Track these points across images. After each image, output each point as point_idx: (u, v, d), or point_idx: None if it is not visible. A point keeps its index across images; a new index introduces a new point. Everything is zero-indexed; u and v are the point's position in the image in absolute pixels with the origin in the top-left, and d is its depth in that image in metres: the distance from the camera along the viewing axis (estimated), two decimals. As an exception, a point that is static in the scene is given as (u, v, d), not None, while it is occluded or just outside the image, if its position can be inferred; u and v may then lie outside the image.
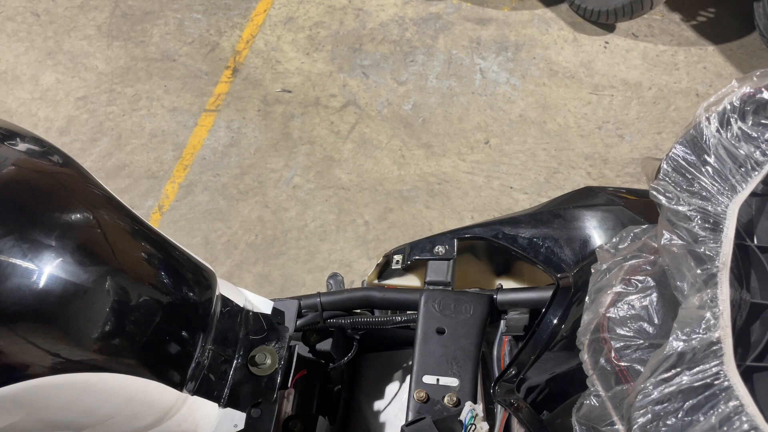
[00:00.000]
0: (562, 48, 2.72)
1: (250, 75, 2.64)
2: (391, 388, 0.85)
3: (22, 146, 0.65)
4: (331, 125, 2.48)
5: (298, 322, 0.81)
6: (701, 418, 0.45)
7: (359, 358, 0.93)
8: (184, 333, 0.63)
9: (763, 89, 0.57)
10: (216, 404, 0.65)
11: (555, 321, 0.72)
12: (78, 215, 0.61)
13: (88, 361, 0.54)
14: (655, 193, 0.57)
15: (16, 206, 0.58)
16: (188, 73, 2.66)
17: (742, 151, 0.56)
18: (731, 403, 0.45)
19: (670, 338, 0.48)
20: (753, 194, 0.56)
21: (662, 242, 0.54)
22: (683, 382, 0.46)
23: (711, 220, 0.53)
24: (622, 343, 0.54)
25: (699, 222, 0.54)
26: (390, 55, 2.71)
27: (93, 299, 0.56)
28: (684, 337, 0.48)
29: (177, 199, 2.29)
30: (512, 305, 0.82)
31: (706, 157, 0.56)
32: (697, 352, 0.47)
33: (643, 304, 0.56)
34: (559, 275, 0.77)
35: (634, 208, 0.81)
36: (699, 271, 0.51)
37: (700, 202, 0.55)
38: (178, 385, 0.60)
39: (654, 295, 0.56)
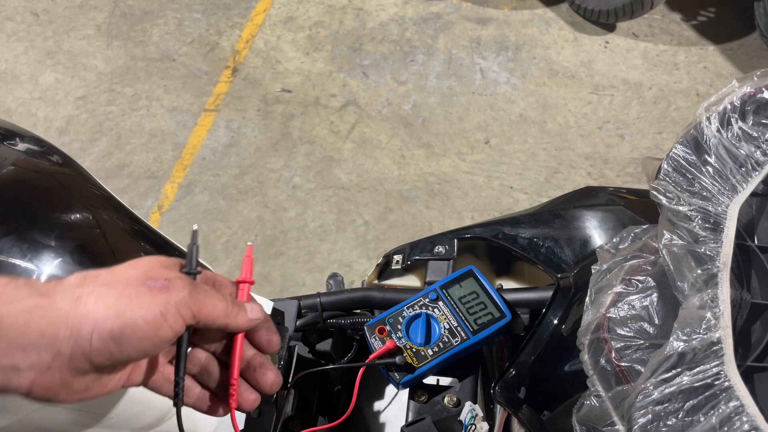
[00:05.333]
0: (563, 48, 2.72)
1: (249, 75, 2.64)
2: (391, 389, 0.85)
3: (21, 146, 0.65)
4: (330, 125, 2.48)
5: (298, 323, 0.81)
6: (702, 419, 0.45)
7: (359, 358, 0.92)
8: (183, 333, 0.63)
9: (763, 89, 0.57)
10: (216, 404, 0.64)
11: (555, 321, 0.72)
12: (77, 215, 0.61)
13: (87, 362, 0.54)
14: (655, 193, 0.57)
15: (16, 206, 0.58)
16: (188, 73, 2.66)
17: (742, 151, 0.56)
18: (732, 404, 0.45)
19: (671, 338, 0.48)
20: (753, 194, 0.56)
21: (662, 242, 0.54)
22: (684, 382, 0.46)
23: (711, 220, 0.53)
24: (622, 344, 0.54)
25: (699, 222, 0.54)
26: (390, 54, 2.71)
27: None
28: (684, 338, 0.48)
29: (176, 199, 2.29)
30: (512, 305, 0.82)
31: (706, 157, 0.56)
32: (697, 353, 0.47)
33: (644, 304, 0.56)
34: (559, 275, 0.77)
35: (635, 208, 0.81)
36: (699, 271, 0.51)
37: (701, 202, 0.54)
38: (178, 386, 0.60)
39: (654, 296, 0.56)
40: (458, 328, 0.74)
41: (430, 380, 0.77)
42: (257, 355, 0.50)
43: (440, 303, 0.76)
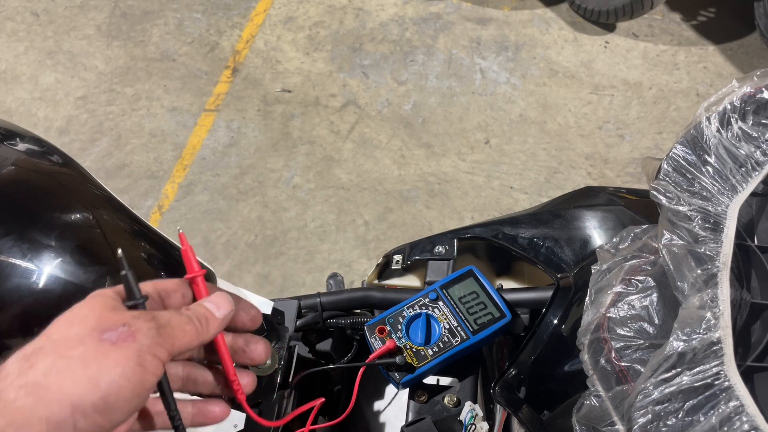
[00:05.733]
0: (563, 48, 2.72)
1: (249, 75, 2.64)
2: (391, 388, 0.85)
3: (21, 146, 0.65)
4: (331, 125, 2.48)
5: (298, 323, 0.81)
6: (702, 419, 0.45)
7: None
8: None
9: (763, 89, 0.57)
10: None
11: (555, 321, 0.72)
12: (77, 215, 0.61)
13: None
14: (655, 193, 0.57)
15: (16, 206, 0.58)
16: (188, 73, 2.66)
17: (742, 151, 0.56)
18: (731, 404, 0.45)
19: (671, 338, 0.48)
20: (753, 194, 0.56)
21: (662, 242, 0.54)
22: (683, 382, 0.46)
23: (711, 220, 0.53)
24: (622, 344, 0.54)
25: (699, 222, 0.54)
26: (390, 54, 2.71)
27: (92, 299, 0.56)
28: (684, 337, 0.48)
29: (177, 199, 2.29)
30: (512, 305, 0.82)
31: (706, 157, 0.56)
32: (697, 352, 0.47)
33: (644, 304, 0.56)
34: (559, 275, 0.77)
35: (635, 208, 0.81)
36: (699, 271, 0.51)
37: (701, 202, 0.55)
38: (178, 386, 0.60)
39: (654, 295, 0.56)
40: (458, 328, 0.74)
41: (430, 380, 0.78)
42: (236, 336, 0.47)
43: (440, 303, 0.76)
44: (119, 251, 0.43)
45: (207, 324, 0.42)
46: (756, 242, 0.57)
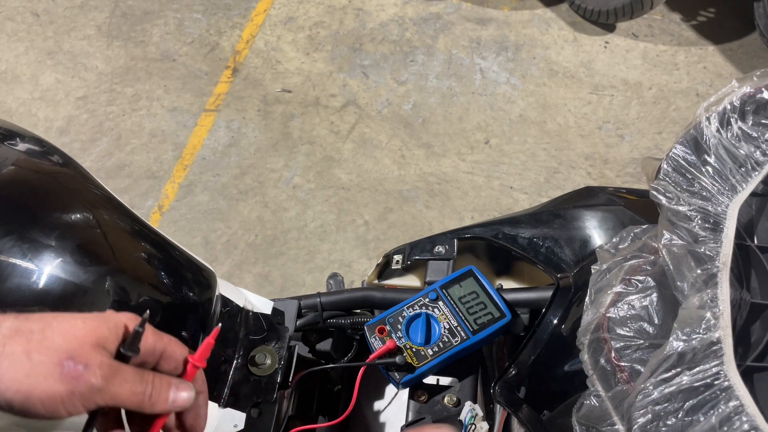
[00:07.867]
0: (563, 48, 2.72)
1: (250, 75, 2.64)
2: (391, 388, 0.86)
3: (22, 146, 0.65)
4: (331, 125, 2.48)
5: (298, 322, 0.81)
6: (701, 418, 0.45)
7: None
8: (183, 333, 0.63)
9: (763, 89, 0.57)
10: (216, 404, 0.65)
11: (555, 321, 0.73)
12: (78, 215, 0.61)
13: (87, 361, 0.54)
14: (655, 193, 0.57)
15: (16, 206, 0.58)
16: (188, 73, 2.66)
17: (742, 151, 0.56)
18: (731, 403, 0.45)
19: (671, 338, 0.48)
20: (753, 194, 0.56)
21: (662, 242, 0.54)
22: (683, 382, 0.46)
23: (711, 220, 0.53)
24: (622, 343, 0.54)
25: (699, 222, 0.54)
26: (390, 55, 2.71)
27: (93, 299, 0.56)
28: (684, 337, 0.48)
29: (177, 199, 2.29)
30: (512, 305, 0.82)
31: (706, 157, 0.56)
32: (697, 352, 0.47)
33: (643, 304, 0.56)
34: (559, 275, 0.77)
35: (635, 208, 0.81)
36: (699, 271, 0.51)
37: (701, 202, 0.55)
38: (178, 385, 0.60)
39: (654, 295, 0.56)
40: (458, 328, 0.74)
41: (430, 380, 0.78)
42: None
43: (440, 303, 0.76)
44: (147, 313, 0.46)
45: (153, 405, 0.44)
46: (756, 242, 0.57)
